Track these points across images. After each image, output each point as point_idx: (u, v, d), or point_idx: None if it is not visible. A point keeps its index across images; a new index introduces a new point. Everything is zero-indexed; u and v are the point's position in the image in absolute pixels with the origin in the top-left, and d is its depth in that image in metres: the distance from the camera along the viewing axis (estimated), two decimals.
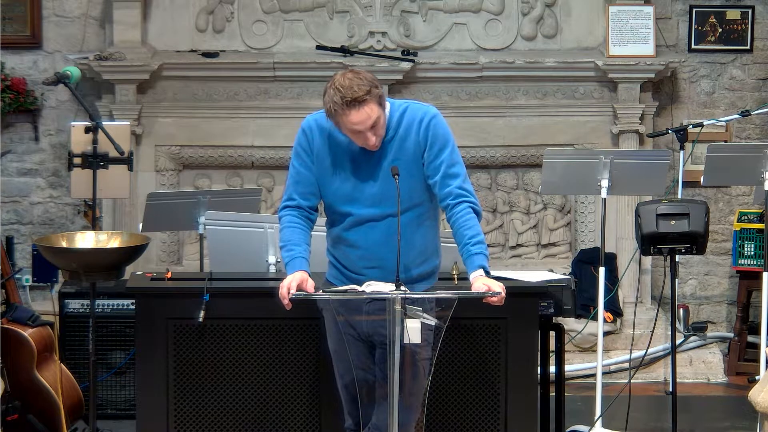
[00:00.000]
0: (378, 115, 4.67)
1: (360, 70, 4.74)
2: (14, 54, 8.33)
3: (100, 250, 5.71)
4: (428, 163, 4.76)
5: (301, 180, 4.85)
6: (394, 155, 4.76)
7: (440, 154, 4.76)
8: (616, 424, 6.68)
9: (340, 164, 4.80)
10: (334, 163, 4.81)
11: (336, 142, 4.81)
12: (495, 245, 8.44)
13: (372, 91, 4.64)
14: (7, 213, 8.44)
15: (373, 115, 4.65)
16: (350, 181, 4.79)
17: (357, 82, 4.63)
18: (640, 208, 6.36)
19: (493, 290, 4.62)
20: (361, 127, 4.65)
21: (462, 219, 4.73)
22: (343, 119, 4.64)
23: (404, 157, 4.76)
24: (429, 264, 4.91)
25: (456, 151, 4.81)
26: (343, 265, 4.88)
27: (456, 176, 4.76)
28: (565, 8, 8.36)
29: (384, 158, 4.77)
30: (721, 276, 8.68)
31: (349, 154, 4.80)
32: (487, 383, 5.56)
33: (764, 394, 5.12)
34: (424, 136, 4.76)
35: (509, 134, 8.30)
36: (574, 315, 6.11)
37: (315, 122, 4.84)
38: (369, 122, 4.65)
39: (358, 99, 4.61)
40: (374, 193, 4.77)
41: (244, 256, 5.94)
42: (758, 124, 8.61)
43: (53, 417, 6.30)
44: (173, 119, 8.22)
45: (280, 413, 5.55)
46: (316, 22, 8.34)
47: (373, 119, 4.65)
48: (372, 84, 4.67)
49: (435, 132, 4.77)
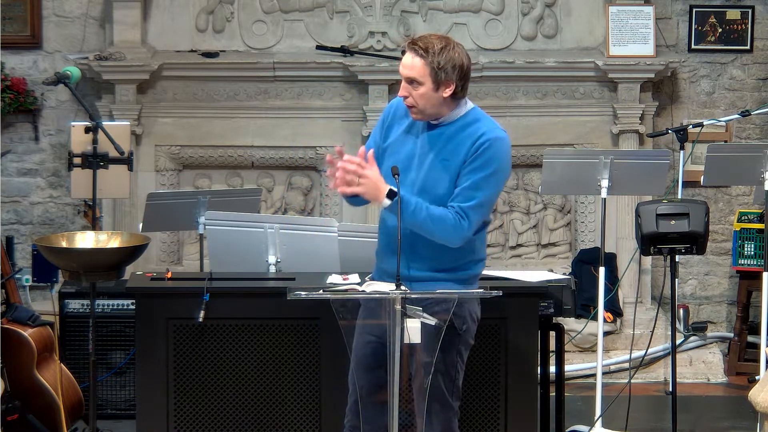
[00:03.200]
0: (422, 77, 4.69)
1: (460, 50, 4.76)
2: (14, 54, 8.33)
3: (100, 250, 5.71)
4: (462, 173, 4.76)
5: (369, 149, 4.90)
6: (442, 151, 4.77)
7: (476, 172, 4.75)
8: (616, 424, 6.68)
9: (399, 145, 4.84)
10: (395, 140, 4.85)
11: (407, 123, 4.86)
12: (495, 245, 8.43)
13: (432, 59, 4.68)
14: (7, 213, 8.44)
15: (416, 71, 4.69)
16: (401, 162, 4.80)
17: (431, 41, 4.72)
18: (640, 208, 6.36)
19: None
20: (401, 71, 4.73)
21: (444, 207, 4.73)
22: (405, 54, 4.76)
23: (453, 158, 4.76)
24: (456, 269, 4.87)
25: (492, 182, 4.76)
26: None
27: (470, 199, 4.73)
28: (565, 8, 8.36)
29: (433, 150, 4.79)
30: (721, 276, 8.68)
31: (410, 137, 4.84)
32: (487, 383, 5.56)
33: (764, 394, 5.12)
34: (475, 150, 4.75)
35: (509, 134, 8.25)
36: (574, 315, 6.10)
37: (398, 101, 4.90)
38: (409, 72, 4.71)
39: (416, 47, 4.70)
40: (415, 178, 4.78)
41: (244, 256, 5.94)
42: (758, 124, 8.61)
43: (53, 417, 6.30)
44: (173, 119, 8.23)
45: (280, 413, 5.55)
46: (316, 22, 8.34)
47: (413, 74, 4.70)
48: (440, 58, 4.69)
49: (485, 152, 4.76)
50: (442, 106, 4.77)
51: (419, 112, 4.77)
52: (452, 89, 4.74)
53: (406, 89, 4.75)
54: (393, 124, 4.90)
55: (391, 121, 4.91)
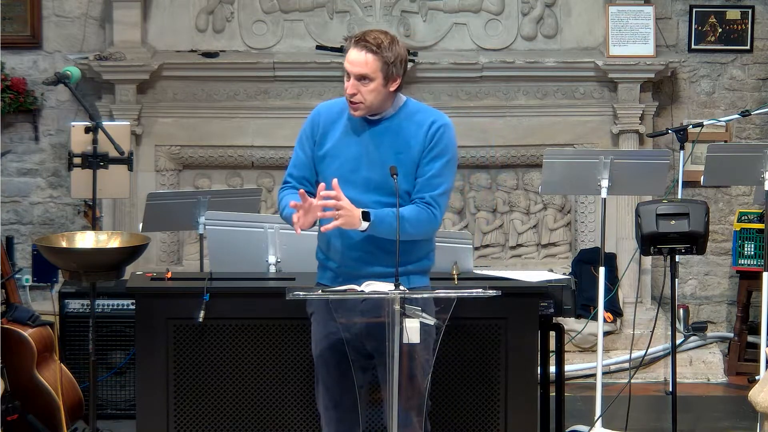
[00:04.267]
0: (374, 72, 4.70)
1: (402, 44, 4.79)
2: (14, 54, 8.33)
3: (100, 250, 5.71)
4: (421, 164, 4.78)
5: (299, 164, 4.89)
6: (393, 145, 4.78)
7: (436, 160, 4.78)
8: (616, 424, 6.68)
9: (341, 148, 4.82)
10: (336, 144, 4.83)
11: (343, 125, 4.84)
12: (495, 245, 8.44)
13: (383, 54, 4.70)
14: (7, 213, 8.44)
15: (369, 67, 4.70)
16: (348, 164, 4.80)
17: (379, 37, 4.73)
18: (640, 208, 6.36)
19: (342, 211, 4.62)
20: (349, 67, 4.72)
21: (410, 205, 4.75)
22: (350, 50, 4.75)
23: (406, 150, 4.78)
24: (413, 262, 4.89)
25: (450, 168, 4.82)
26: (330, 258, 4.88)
27: (435, 187, 4.78)
28: (565, 8, 8.36)
29: (382, 145, 4.79)
30: (721, 276, 8.68)
31: (352, 137, 4.82)
32: (487, 383, 5.56)
33: (764, 394, 5.12)
34: (430, 138, 4.78)
35: (509, 134, 8.30)
36: (574, 315, 6.10)
37: (324, 107, 4.91)
38: (360, 69, 4.70)
39: (366, 43, 4.70)
40: (368, 177, 4.78)
41: (244, 256, 5.94)
42: (758, 124, 8.61)
43: (53, 417, 6.30)
44: (173, 119, 8.23)
45: (280, 413, 5.55)
46: (316, 22, 8.34)
47: (366, 71, 4.70)
48: (390, 53, 4.72)
49: (440, 139, 4.79)
50: (387, 101, 4.80)
51: (365, 108, 4.77)
52: (398, 83, 4.77)
53: (355, 86, 4.74)
54: (327, 131, 4.86)
55: (324, 129, 4.87)
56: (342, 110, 4.85)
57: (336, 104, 4.90)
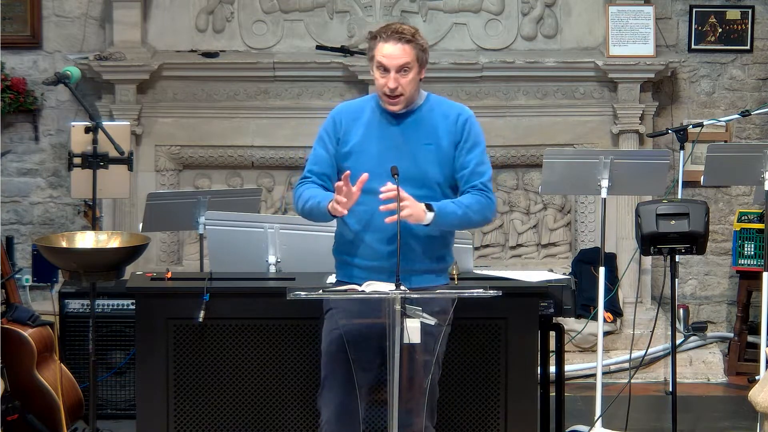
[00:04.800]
0: (411, 63, 4.77)
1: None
2: (14, 54, 8.33)
3: (100, 250, 5.71)
4: (460, 157, 4.87)
5: (319, 161, 4.91)
6: (423, 136, 4.84)
7: (473, 149, 4.88)
8: (616, 424, 6.68)
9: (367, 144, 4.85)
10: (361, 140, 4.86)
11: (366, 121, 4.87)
12: (495, 245, 8.44)
13: (417, 42, 4.78)
14: (7, 213, 8.44)
15: (407, 57, 4.76)
16: (377, 158, 4.82)
17: (407, 27, 4.82)
18: (640, 208, 6.36)
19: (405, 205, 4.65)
20: (388, 61, 4.74)
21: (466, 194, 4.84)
22: (380, 45, 4.76)
23: (435, 141, 4.85)
24: (437, 260, 4.92)
25: (485, 153, 4.95)
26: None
27: (482, 174, 4.90)
28: (565, 8, 8.36)
29: (412, 137, 4.84)
30: (721, 276, 8.68)
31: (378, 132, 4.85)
32: (487, 383, 5.56)
33: (764, 394, 5.12)
34: (461, 130, 4.87)
35: (509, 134, 8.30)
36: (574, 315, 6.10)
37: (344, 105, 4.96)
38: (399, 60, 4.75)
39: (401, 34, 4.76)
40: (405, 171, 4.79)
41: (244, 256, 5.94)
42: (758, 124, 8.61)
43: (53, 417, 6.30)
44: (173, 119, 8.23)
45: (280, 413, 5.55)
46: (316, 22, 8.34)
47: (404, 62, 4.75)
48: (422, 40, 4.81)
49: (471, 129, 4.89)
50: (417, 91, 4.88)
51: (405, 100, 4.83)
52: (424, 72, 4.86)
53: (396, 79, 4.77)
54: (349, 128, 4.90)
55: (346, 127, 4.90)
56: (362, 108, 4.91)
57: (355, 103, 4.98)
